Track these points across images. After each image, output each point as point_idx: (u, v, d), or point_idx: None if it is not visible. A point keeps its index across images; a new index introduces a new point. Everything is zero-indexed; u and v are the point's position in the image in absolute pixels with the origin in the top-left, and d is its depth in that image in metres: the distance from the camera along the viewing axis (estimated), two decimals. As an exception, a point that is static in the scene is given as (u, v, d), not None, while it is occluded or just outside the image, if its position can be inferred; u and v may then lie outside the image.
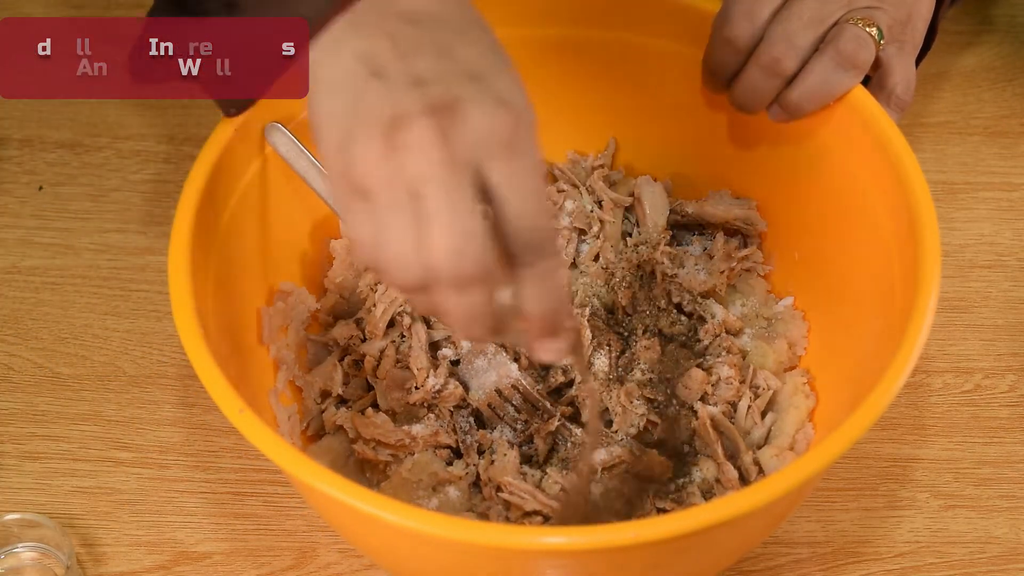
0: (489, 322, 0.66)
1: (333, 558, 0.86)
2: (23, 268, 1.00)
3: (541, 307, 0.66)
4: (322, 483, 0.68)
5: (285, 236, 0.89)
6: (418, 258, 0.63)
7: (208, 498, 0.89)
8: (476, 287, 0.64)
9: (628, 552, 0.69)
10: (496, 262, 0.64)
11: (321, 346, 0.90)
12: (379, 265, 0.65)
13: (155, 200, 1.04)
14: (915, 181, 0.79)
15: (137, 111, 1.10)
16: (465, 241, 0.63)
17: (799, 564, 0.86)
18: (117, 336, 0.97)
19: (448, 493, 0.82)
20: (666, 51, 0.91)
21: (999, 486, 0.89)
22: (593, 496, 0.81)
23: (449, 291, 0.64)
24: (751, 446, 0.86)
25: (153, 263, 1.00)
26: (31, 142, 1.08)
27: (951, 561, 0.86)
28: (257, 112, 0.83)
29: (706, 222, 0.93)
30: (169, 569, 0.86)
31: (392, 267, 0.64)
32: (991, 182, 1.05)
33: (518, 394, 0.86)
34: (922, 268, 0.75)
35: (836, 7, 0.82)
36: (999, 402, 0.93)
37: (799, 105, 0.84)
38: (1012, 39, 1.14)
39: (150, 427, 0.92)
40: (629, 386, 0.86)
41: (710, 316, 0.90)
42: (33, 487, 0.89)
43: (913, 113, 1.08)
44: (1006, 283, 0.99)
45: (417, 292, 0.65)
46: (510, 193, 0.63)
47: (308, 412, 0.88)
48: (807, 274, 0.91)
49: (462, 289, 0.64)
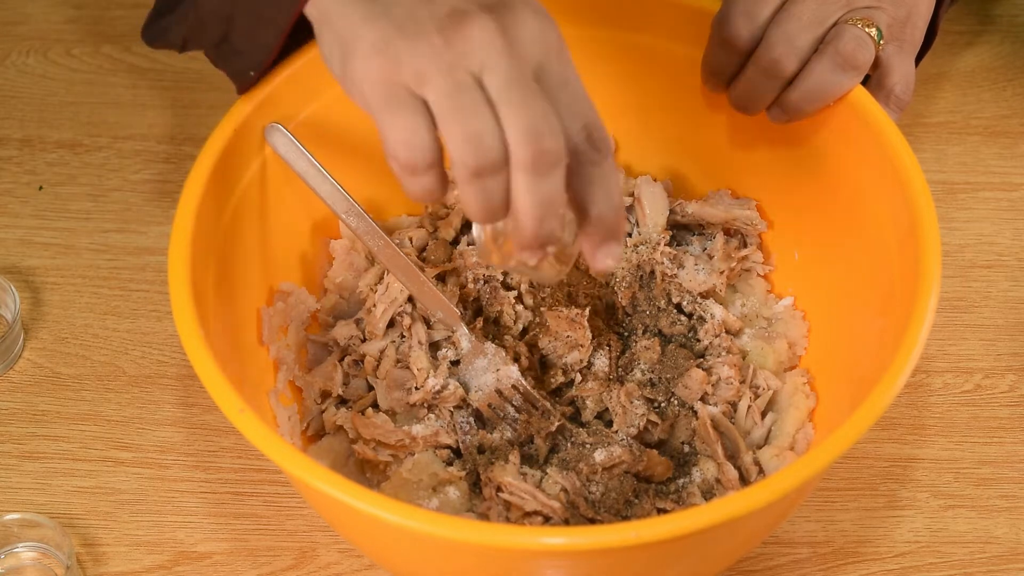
0: (561, 213, 0.65)
1: (333, 558, 0.86)
2: (23, 268, 1.00)
3: (610, 204, 0.66)
4: (322, 483, 0.68)
5: (285, 236, 0.89)
6: (495, 134, 0.63)
7: (208, 498, 0.89)
8: (556, 169, 0.63)
9: (628, 552, 0.69)
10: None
11: (321, 346, 0.90)
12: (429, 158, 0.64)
13: (155, 200, 1.04)
14: (915, 181, 0.79)
15: (137, 111, 1.10)
16: (543, 121, 0.63)
17: (799, 564, 0.86)
18: (117, 336, 0.97)
19: (448, 493, 0.82)
20: (666, 51, 0.91)
21: (999, 486, 0.89)
22: (593, 496, 0.81)
23: (527, 175, 0.63)
24: (751, 446, 0.86)
25: (153, 263, 1.00)
26: (31, 142, 1.08)
27: (951, 561, 0.86)
28: (257, 112, 0.83)
29: (706, 222, 0.93)
30: (169, 569, 0.86)
31: (464, 148, 0.63)
32: (991, 182, 1.05)
33: (518, 394, 0.86)
34: (922, 268, 0.75)
35: (835, 7, 0.82)
36: (999, 402, 0.93)
37: (799, 106, 0.83)
38: (1012, 39, 1.14)
39: (150, 427, 0.92)
40: (629, 386, 0.86)
41: (710, 316, 0.90)
42: (33, 487, 0.89)
43: (913, 113, 1.08)
44: (1006, 283, 0.99)
45: (491, 174, 0.63)
46: (567, 89, 0.65)
47: (308, 412, 0.88)
48: (807, 274, 0.91)
49: (541, 173, 0.63)
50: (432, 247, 0.93)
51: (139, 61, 1.13)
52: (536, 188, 0.63)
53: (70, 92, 1.12)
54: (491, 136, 0.63)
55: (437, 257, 0.92)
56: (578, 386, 0.88)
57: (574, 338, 0.88)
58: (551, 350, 0.89)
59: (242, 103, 0.83)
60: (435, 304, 0.87)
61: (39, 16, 1.17)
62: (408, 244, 0.93)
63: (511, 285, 0.91)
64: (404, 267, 0.86)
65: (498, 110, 0.63)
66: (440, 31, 0.64)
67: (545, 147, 0.62)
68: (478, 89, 0.63)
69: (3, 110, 1.10)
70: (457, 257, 0.92)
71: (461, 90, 0.63)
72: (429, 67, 0.63)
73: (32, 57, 1.14)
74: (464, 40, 0.63)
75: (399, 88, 0.64)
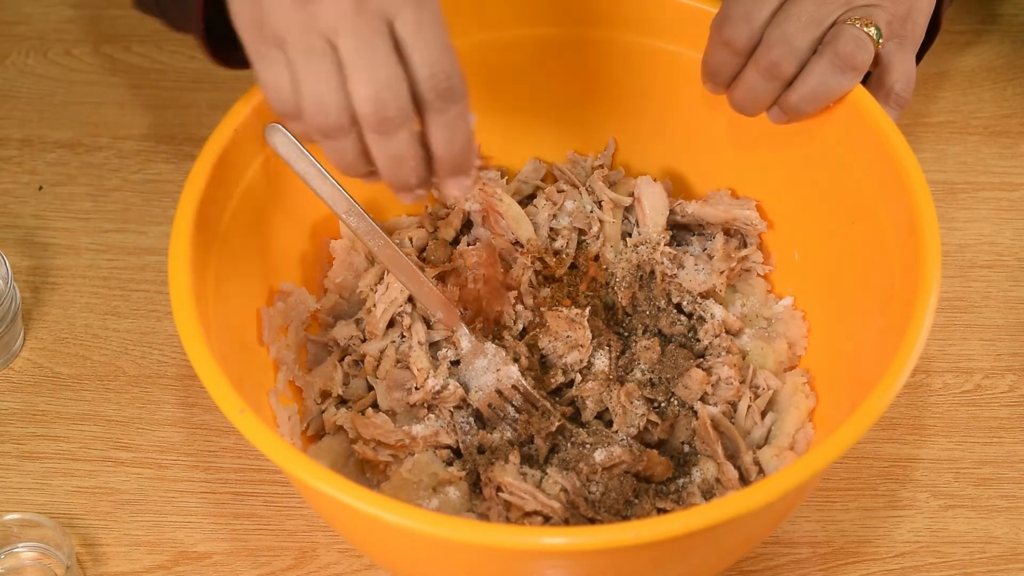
0: (415, 164, 0.70)
1: (333, 558, 0.86)
2: (23, 268, 1.00)
3: (451, 148, 0.70)
4: (322, 483, 0.68)
5: (285, 236, 0.89)
6: (339, 102, 0.67)
7: (208, 498, 0.89)
8: (400, 131, 0.68)
9: (628, 552, 0.69)
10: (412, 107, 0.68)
11: (321, 346, 0.90)
12: (291, 110, 0.68)
13: (155, 200, 1.04)
14: (915, 181, 0.79)
15: (137, 111, 1.10)
16: (386, 87, 0.67)
17: (799, 564, 0.86)
18: (117, 336, 0.97)
19: (448, 493, 0.82)
20: (666, 51, 0.91)
21: (999, 486, 0.89)
22: (593, 496, 0.81)
23: (375, 136, 0.68)
24: (751, 446, 0.86)
25: (153, 263, 1.00)
26: (31, 142, 1.08)
27: (951, 561, 0.86)
28: (257, 112, 0.83)
29: (706, 222, 0.93)
30: (169, 569, 0.86)
31: (311, 111, 0.68)
32: (991, 182, 1.05)
33: (518, 394, 0.86)
34: (922, 268, 0.75)
35: (834, 7, 0.82)
36: (999, 402, 0.93)
37: (799, 107, 0.83)
38: (1012, 38, 1.14)
39: (150, 427, 0.92)
40: (629, 386, 0.86)
41: (710, 316, 0.90)
42: (33, 487, 0.89)
43: (913, 113, 1.08)
44: (1006, 283, 0.99)
45: (337, 136, 0.68)
46: (419, 41, 0.67)
47: (308, 412, 0.88)
48: (807, 274, 0.91)
49: (387, 134, 0.68)
50: (432, 247, 0.93)
51: (139, 61, 1.13)
52: (384, 147, 0.69)
53: (70, 92, 1.12)
54: (335, 104, 0.67)
55: (437, 257, 0.92)
56: (578, 386, 0.88)
57: (574, 338, 0.88)
58: (551, 350, 0.89)
59: (242, 103, 0.83)
60: (435, 304, 0.87)
61: (39, 16, 1.17)
62: (408, 244, 0.93)
63: (511, 285, 0.91)
64: (404, 267, 0.86)
65: (347, 75, 0.67)
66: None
67: (388, 115, 0.67)
68: (329, 53, 0.67)
69: (3, 110, 1.10)
70: (457, 257, 0.92)
71: (311, 55, 0.67)
72: (287, 27, 0.67)
73: (32, 57, 1.14)
74: (315, 2, 0.66)
75: (264, 42, 0.68)
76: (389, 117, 0.67)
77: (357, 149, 0.70)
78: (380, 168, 0.70)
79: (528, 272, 0.91)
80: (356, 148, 0.70)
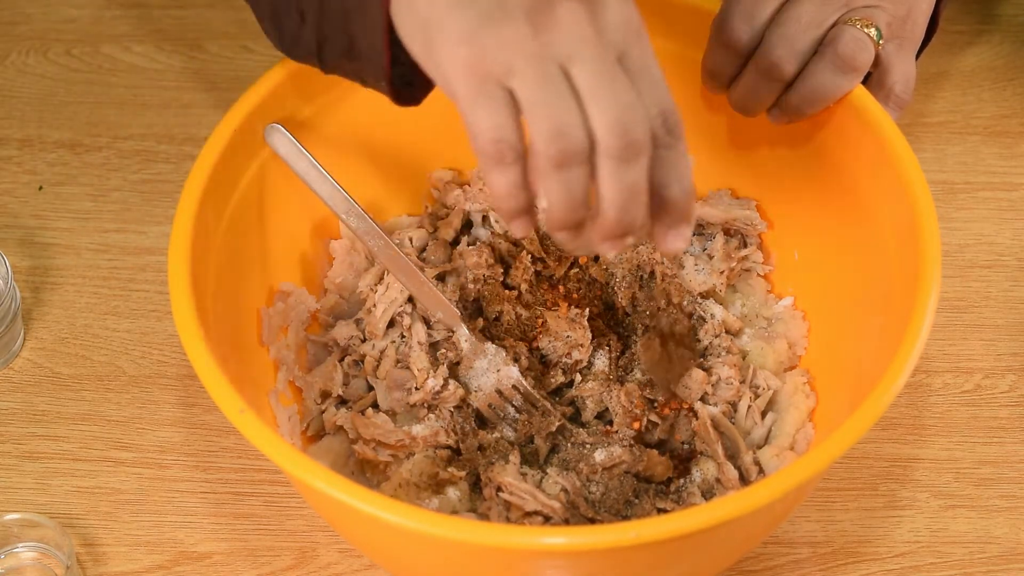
0: (646, 199, 0.65)
1: (333, 558, 0.86)
2: (23, 268, 1.00)
3: (682, 187, 0.66)
4: (322, 483, 0.68)
5: (285, 236, 0.89)
6: (581, 125, 0.63)
7: (208, 498, 0.89)
8: (641, 158, 0.64)
9: (628, 552, 0.69)
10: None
11: (321, 346, 0.90)
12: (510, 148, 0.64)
13: (155, 200, 1.04)
14: (915, 181, 0.79)
15: (137, 111, 1.10)
16: (630, 110, 0.63)
17: (799, 564, 0.86)
18: (117, 336, 0.97)
19: (448, 493, 0.82)
20: (666, 51, 0.90)
21: (999, 486, 0.89)
22: (593, 496, 0.81)
23: (614, 164, 0.64)
24: (751, 446, 0.86)
25: (153, 263, 1.00)
26: (31, 142, 1.08)
27: (951, 561, 0.86)
28: (257, 112, 0.83)
29: (706, 222, 0.93)
30: (169, 569, 0.86)
31: (548, 137, 0.63)
32: (991, 182, 1.05)
33: (518, 394, 0.86)
34: (922, 268, 0.75)
35: (834, 8, 0.82)
36: (999, 402, 0.93)
37: (799, 108, 0.83)
38: (1012, 38, 1.14)
39: (150, 427, 0.92)
40: (629, 386, 0.86)
41: (710, 316, 0.90)
42: (33, 487, 0.89)
43: (913, 113, 1.08)
44: (1006, 283, 0.99)
45: (572, 165, 0.64)
46: (646, 75, 0.65)
47: (308, 412, 0.88)
48: (807, 274, 0.91)
49: (628, 161, 0.64)
50: (432, 247, 0.93)
51: (139, 61, 1.13)
52: (623, 177, 0.64)
53: (70, 92, 1.11)
54: (577, 128, 0.63)
55: (437, 257, 0.92)
56: (578, 386, 0.88)
57: (574, 338, 0.88)
58: (551, 350, 0.89)
59: (242, 103, 0.83)
60: (435, 304, 0.87)
61: (39, 16, 1.17)
62: (408, 244, 0.93)
63: (511, 285, 0.91)
64: (404, 267, 0.86)
65: (585, 101, 0.63)
66: (528, 19, 0.63)
67: (633, 138, 0.63)
68: (564, 80, 0.63)
69: (3, 110, 1.10)
70: (457, 257, 0.92)
71: (548, 81, 0.63)
72: (516, 58, 0.63)
73: (32, 57, 1.14)
74: (552, 28, 0.63)
75: (485, 79, 0.63)
76: (634, 140, 0.63)
77: (586, 182, 0.65)
78: (610, 202, 0.65)
79: (528, 272, 0.91)
80: (586, 180, 0.64)
